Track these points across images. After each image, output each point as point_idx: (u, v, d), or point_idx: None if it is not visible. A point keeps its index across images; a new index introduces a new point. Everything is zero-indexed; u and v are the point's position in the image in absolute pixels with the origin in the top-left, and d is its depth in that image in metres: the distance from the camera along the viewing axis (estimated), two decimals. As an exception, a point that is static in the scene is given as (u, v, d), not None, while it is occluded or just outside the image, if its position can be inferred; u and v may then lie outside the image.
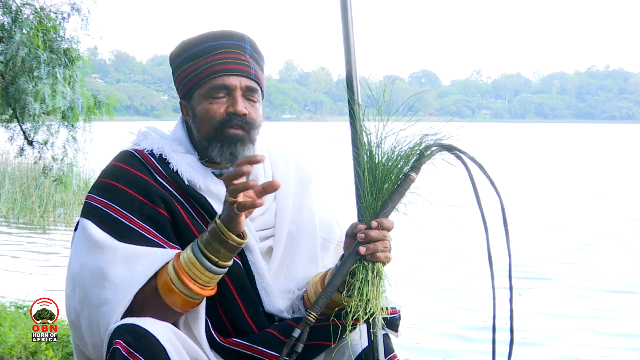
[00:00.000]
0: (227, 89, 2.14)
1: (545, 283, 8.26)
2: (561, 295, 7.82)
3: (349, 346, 2.10)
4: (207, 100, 2.15)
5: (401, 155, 1.99)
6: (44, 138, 5.85)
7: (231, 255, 1.98)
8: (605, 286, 8.26)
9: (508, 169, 24.60)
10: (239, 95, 2.15)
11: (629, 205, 15.82)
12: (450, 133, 1.99)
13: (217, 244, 1.95)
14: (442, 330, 6.42)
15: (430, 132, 1.99)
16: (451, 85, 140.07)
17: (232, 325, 2.12)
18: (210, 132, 2.14)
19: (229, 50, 2.17)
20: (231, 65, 2.15)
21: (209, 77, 2.14)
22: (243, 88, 2.15)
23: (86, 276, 2.02)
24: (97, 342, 2.03)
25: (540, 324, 6.61)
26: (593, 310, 7.23)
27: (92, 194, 2.11)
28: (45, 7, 5.60)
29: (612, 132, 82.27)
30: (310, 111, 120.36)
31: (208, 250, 1.96)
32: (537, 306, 7.19)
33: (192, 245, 1.99)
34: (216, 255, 1.96)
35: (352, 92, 2.06)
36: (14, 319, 4.63)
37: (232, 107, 2.13)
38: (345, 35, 2.08)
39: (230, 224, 1.94)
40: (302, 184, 2.33)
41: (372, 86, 2.05)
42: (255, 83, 2.18)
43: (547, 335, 6.29)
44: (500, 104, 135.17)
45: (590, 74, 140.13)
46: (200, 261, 1.97)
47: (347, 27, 2.08)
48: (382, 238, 1.99)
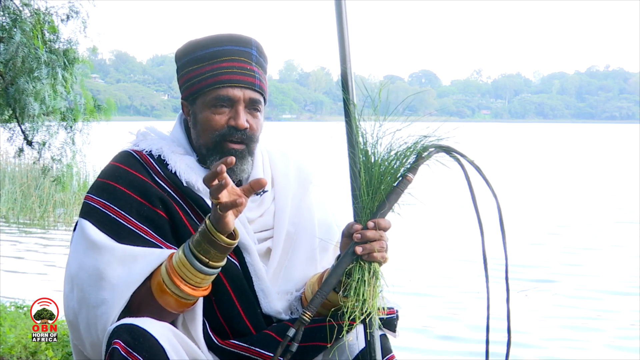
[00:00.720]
0: (230, 101, 2.14)
1: (544, 285, 8.25)
2: (561, 295, 7.81)
3: (346, 346, 2.10)
4: (210, 110, 2.15)
5: (398, 156, 1.99)
6: (43, 139, 5.85)
7: (222, 255, 1.98)
8: (605, 287, 8.25)
9: (508, 169, 24.61)
10: (242, 108, 2.15)
11: (629, 206, 15.81)
12: (448, 134, 1.99)
13: (207, 244, 1.95)
14: (442, 330, 6.42)
15: (428, 133, 1.99)
16: (451, 85, 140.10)
17: (229, 327, 2.12)
18: (210, 143, 2.15)
19: (235, 59, 2.16)
20: (236, 77, 2.15)
21: (214, 86, 2.14)
22: (247, 100, 2.16)
23: (84, 276, 2.03)
24: (95, 342, 2.03)
25: (538, 325, 6.61)
26: (593, 311, 7.22)
27: (90, 194, 2.11)
28: (45, 7, 5.61)
29: (612, 132, 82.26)
30: (310, 111, 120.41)
31: (198, 250, 1.96)
32: (535, 308, 7.18)
33: (184, 246, 1.99)
34: (206, 256, 1.96)
35: (347, 91, 2.06)
36: (14, 319, 4.63)
37: (234, 121, 2.13)
38: (340, 35, 2.08)
39: (218, 225, 1.93)
40: (302, 185, 2.33)
41: (372, 86, 2.05)
42: (259, 94, 2.18)
43: (544, 337, 6.28)
44: (500, 104, 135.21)
45: (590, 74, 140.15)
46: (190, 262, 1.96)
47: (341, 26, 2.08)
48: (378, 238, 2.00)
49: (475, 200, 2.02)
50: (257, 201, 2.24)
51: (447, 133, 2.00)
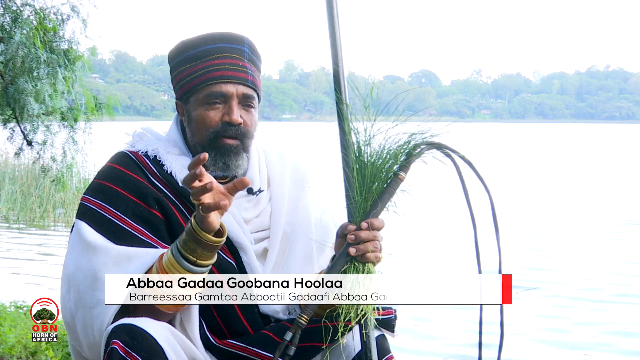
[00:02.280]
0: (223, 97, 2.15)
1: (541, 284, 8.25)
2: (561, 295, 7.82)
3: (341, 347, 2.10)
4: (203, 107, 2.16)
5: (390, 155, 1.98)
6: (43, 138, 5.85)
7: (210, 254, 1.97)
8: (605, 287, 8.26)
9: (508, 169, 24.59)
10: (235, 104, 2.16)
11: (629, 206, 15.81)
12: (442, 132, 1.99)
13: (193, 243, 1.95)
14: (441, 331, 6.42)
15: (419, 130, 1.98)
16: (451, 85, 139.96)
17: (227, 327, 2.13)
18: (205, 140, 2.16)
19: (227, 55, 2.18)
20: (229, 72, 2.16)
21: (206, 83, 2.15)
22: (240, 96, 2.16)
23: (80, 277, 2.03)
24: (92, 343, 2.03)
25: (536, 325, 6.61)
26: (592, 311, 7.23)
27: (87, 195, 2.12)
28: (45, 7, 5.61)
29: (612, 132, 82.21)
30: (310, 111, 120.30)
31: (185, 250, 1.96)
32: (533, 307, 7.19)
33: (172, 245, 1.99)
34: (193, 254, 1.96)
35: (339, 91, 2.07)
36: (14, 319, 4.64)
37: (228, 116, 2.14)
38: (331, 35, 2.09)
39: (202, 224, 1.93)
40: (298, 185, 2.33)
41: (369, 86, 2.05)
42: (252, 90, 2.19)
43: (542, 337, 6.29)
44: (500, 104, 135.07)
45: (590, 74, 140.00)
46: (178, 261, 1.96)
47: (333, 26, 2.09)
48: (372, 238, 2.00)
49: (468, 195, 2.01)
50: (253, 201, 2.24)
51: (442, 131, 1.99)
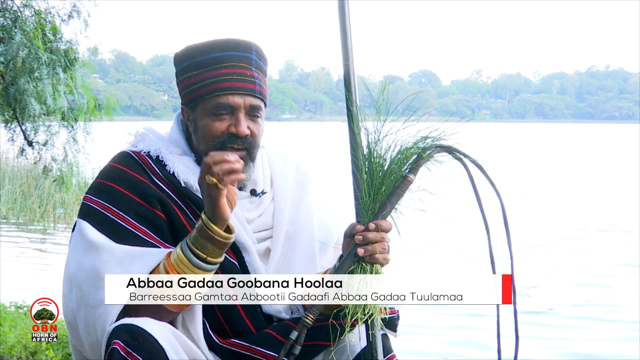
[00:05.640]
0: (231, 108, 2.14)
1: (546, 284, 8.26)
2: (560, 295, 7.82)
3: (348, 347, 2.10)
4: (210, 117, 2.14)
5: (399, 157, 1.98)
6: (43, 139, 5.85)
7: (220, 251, 1.99)
8: (605, 287, 8.26)
9: (508, 169, 24.60)
10: (242, 115, 2.14)
11: (629, 206, 15.82)
12: (449, 134, 1.99)
13: (204, 239, 1.96)
14: (442, 332, 6.42)
15: (429, 133, 1.98)
16: (451, 85, 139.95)
17: (230, 326, 2.13)
18: (211, 148, 2.13)
19: (235, 64, 2.16)
20: (237, 84, 2.14)
21: (214, 94, 2.13)
22: (247, 107, 2.15)
23: (82, 277, 2.03)
24: (94, 343, 2.03)
25: (540, 324, 6.61)
26: (592, 311, 7.23)
27: (89, 195, 2.12)
28: (46, 7, 5.61)
29: (612, 132, 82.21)
30: (310, 111, 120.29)
31: (195, 246, 1.97)
32: (535, 307, 7.19)
33: (181, 243, 2.00)
34: (204, 251, 1.97)
35: (349, 90, 2.05)
36: (14, 319, 4.64)
37: (235, 128, 2.13)
38: (342, 32, 2.07)
39: (213, 215, 1.95)
40: (301, 185, 2.33)
41: (372, 86, 2.05)
42: (259, 100, 2.17)
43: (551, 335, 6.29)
44: (500, 104, 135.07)
45: (590, 74, 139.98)
46: (188, 258, 1.97)
47: (344, 24, 2.08)
48: (380, 240, 2.00)
49: (480, 199, 2.01)
50: (255, 201, 2.24)
51: (449, 132, 1.98)
